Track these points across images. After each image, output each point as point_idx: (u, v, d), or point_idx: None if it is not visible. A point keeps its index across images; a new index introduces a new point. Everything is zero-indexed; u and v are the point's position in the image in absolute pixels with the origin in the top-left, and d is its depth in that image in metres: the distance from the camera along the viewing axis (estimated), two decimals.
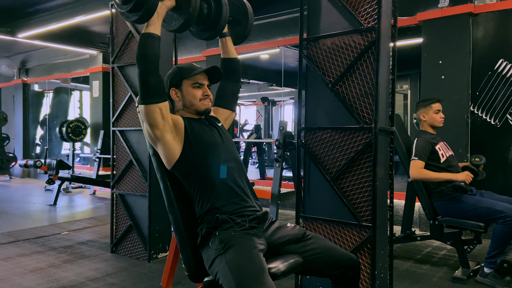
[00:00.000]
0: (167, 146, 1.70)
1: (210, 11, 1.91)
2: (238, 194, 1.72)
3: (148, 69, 1.63)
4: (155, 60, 1.64)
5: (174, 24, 1.83)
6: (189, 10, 1.76)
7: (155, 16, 1.66)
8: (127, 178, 3.52)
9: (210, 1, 1.91)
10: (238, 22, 2.10)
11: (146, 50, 1.63)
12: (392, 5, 2.39)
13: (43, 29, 6.56)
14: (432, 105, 3.14)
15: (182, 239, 1.74)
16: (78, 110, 10.57)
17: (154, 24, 1.67)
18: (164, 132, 1.68)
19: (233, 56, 2.07)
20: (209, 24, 1.96)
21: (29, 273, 3.07)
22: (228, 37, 2.05)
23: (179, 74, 1.82)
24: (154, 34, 1.66)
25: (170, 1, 1.74)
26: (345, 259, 1.68)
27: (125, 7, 1.65)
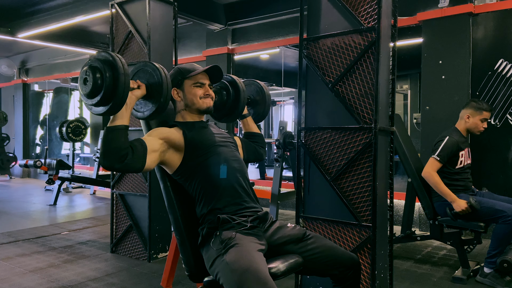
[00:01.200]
0: (168, 162, 1.72)
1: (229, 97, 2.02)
2: (239, 194, 1.73)
3: (114, 164, 1.50)
4: (121, 153, 1.50)
5: (145, 112, 1.71)
6: (160, 100, 1.64)
7: (123, 108, 1.53)
8: (127, 178, 3.52)
9: (229, 88, 2.02)
10: (256, 102, 2.23)
11: (109, 145, 1.49)
12: (392, 5, 2.39)
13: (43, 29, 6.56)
14: (483, 112, 3.03)
15: (182, 239, 1.74)
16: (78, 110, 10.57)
17: (121, 117, 1.54)
18: (162, 158, 1.69)
19: (255, 132, 2.17)
20: (229, 109, 2.05)
21: (29, 273, 3.07)
22: (249, 117, 2.16)
23: (180, 74, 1.83)
24: (119, 126, 1.52)
25: (141, 90, 1.63)
26: (345, 259, 1.68)
27: (91, 100, 1.51)
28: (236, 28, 6.19)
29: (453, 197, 2.88)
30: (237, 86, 2.03)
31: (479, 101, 3.11)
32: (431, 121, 4.36)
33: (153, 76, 1.66)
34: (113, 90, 1.48)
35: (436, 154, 2.96)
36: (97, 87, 1.48)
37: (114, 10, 3.58)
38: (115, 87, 1.48)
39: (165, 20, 3.49)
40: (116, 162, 1.50)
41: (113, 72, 1.48)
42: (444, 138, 3.00)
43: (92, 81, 1.48)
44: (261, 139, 2.17)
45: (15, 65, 9.55)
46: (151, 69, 1.67)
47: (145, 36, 3.34)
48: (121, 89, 1.47)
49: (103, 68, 1.48)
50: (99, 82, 1.48)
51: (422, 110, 4.49)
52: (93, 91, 1.49)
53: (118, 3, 3.52)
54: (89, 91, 1.49)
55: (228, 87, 2.04)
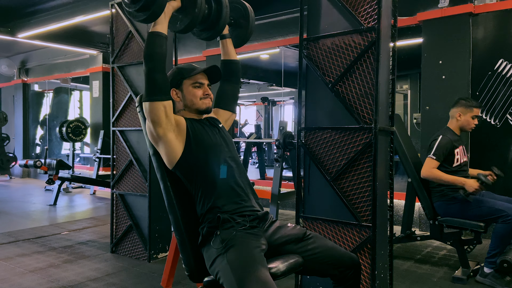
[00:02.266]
0: (169, 145, 1.71)
1: (210, 11, 1.91)
2: (238, 194, 1.73)
3: (156, 67, 1.65)
4: (163, 59, 1.67)
5: (179, 25, 1.83)
6: (194, 11, 1.76)
7: (162, 16, 1.67)
8: (127, 178, 3.52)
9: (211, 1, 1.91)
10: (239, 25, 2.11)
11: (154, 48, 1.65)
12: (392, 5, 2.39)
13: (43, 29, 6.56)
14: (473, 109, 3.08)
15: (182, 239, 1.74)
16: (78, 110, 10.57)
17: (161, 24, 1.68)
18: (167, 130, 1.69)
19: (233, 58, 2.08)
20: (209, 24, 1.96)
21: (29, 273, 3.07)
22: (228, 39, 2.06)
23: (179, 75, 1.83)
24: (161, 33, 1.67)
25: (176, 2, 1.75)
26: (345, 259, 1.68)
27: (134, 6, 1.65)
28: None
29: (462, 180, 2.88)
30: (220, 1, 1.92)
31: (468, 99, 3.17)
32: (431, 121, 4.36)
33: None
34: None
35: (432, 153, 2.99)
36: None
37: (114, 10, 3.58)
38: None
39: None
40: (159, 66, 1.66)
41: None
42: (437, 138, 3.03)
43: None
44: (236, 66, 2.08)
45: (15, 65, 9.55)
46: None
47: (145, 36, 3.33)
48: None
49: None
50: None
51: (422, 110, 4.49)
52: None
53: (118, 3, 3.52)
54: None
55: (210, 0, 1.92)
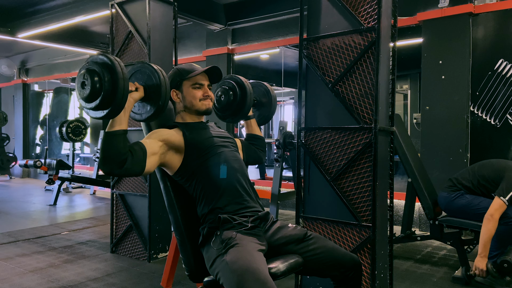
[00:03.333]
0: (168, 163, 1.72)
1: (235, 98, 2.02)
2: (240, 194, 1.73)
3: (114, 170, 1.49)
4: (120, 159, 1.49)
5: (143, 115, 1.68)
6: (158, 103, 1.62)
7: (121, 112, 1.50)
8: (127, 178, 3.52)
9: (235, 88, 2.02)
10: (262, 104, 2.24)
11: (109, 151, 1.48)
12: (392, 5, 2.39)
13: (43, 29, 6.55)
14: None
15: (182, 239, 1.74)
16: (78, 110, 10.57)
17: (119, 123, 1.51)
18: (162, 160, 1.68)
19: (258, 134, 2.18)
20: (234, 110, 2.06)
21: (29, 273, 3.07)
22: (253, 120, 2.17)
23: (179, 75, 1.82)
24: (118, 131, 1.50)
25: (139, 93, 1.61)
26: (346, 259, 1.68)
27: (89, 105, 1.47)
28: (236, 28, 6.18)
29: (486, 253, 2.70)
30: (244, 88, 2.04)
31: None
32: (431, 121, 4.36)
33: (151, 78, 1.63)
34: (112, 95, 1.43)
35: (508, 197, 2.70)
36: (96, 91, 1.43)
37: (114, 10, 3.58)
38: (114, 92, 1.43)
39: (165, 20, 3.49)
40: (116, 167, 1.48)
41: (112, 76, 1.43)
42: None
43: (90, 85, 1.43)
44: (262, 142, 2.17)
45: (15, 65, 9.55)
46: (149, 71, 1.64)
47: (145, 36, 3.34)
48: (120, 93, 1.43)
49: (101, 72, 1.43)
50: (97, 86, 1.43)
51: (422, 110, 4.49)
52: (92, 95, 1.44)
53: (118, 3, 3.52)
54: (87, 95, 1.44)
55: (235, 88, 2.04)
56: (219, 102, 2.09)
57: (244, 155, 2.04)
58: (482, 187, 2.94)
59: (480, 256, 2.72)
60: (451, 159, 4.22)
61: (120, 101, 1.45)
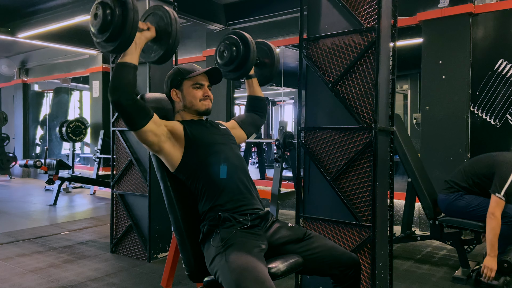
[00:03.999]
0: (167, 154, 1.72)
1: (238, 54, 1.99)
2: (241, 191, 1.73)
3: (122, 100, 1.54)
4: (129, 89, 1.56)
5: (153, 55, 1.76)
6: (169, 42, 1.69)
7: (132, 46, 1.60)
8: (127, 178, 3.52)
9: (239, 44, 1.99)
10: (264, 65, 2.20)
11: (119, 80, 1.55)
12: (392, 5, 2.39)
13: (43, 29, 6.55)
14: None
15: (182, 239, 1.74)
16: (78, 110, 10.57)
17: (131, 54, 1.60)
18: (162, 144, 1.69)
19: (259, 95, 2.16)
20: (236, 66, 2.03)
21: (29, 273, 3.07)
22: (254, 79, 2.14)
23: (180, 75, 1.83)
24: (129, 63, 1.59)
25: (150, 32, 1.68)
26: (345, 258, 1.68)
27: (101, 36, 1.57)
28: (236, 28, 6.18)
29: (495, 252, 2.69)
30: (247, 43, 2.00)
31: None
32: (431, 121, 4.36)
33: (162, 19, 1.69)
34: (122, 26, 1.50)
35: (502, 193, 2.70)
36: (107, 22, 1.53)
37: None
38: (124, 23, 1.50)
39: None
40: (124, 98, 1.54)
41: (122, 8, 1.51)
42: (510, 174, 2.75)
43: (102, 16, 1.52)
44: (263, 103, 2.15)
45: (15, 65, 9.55)
46: (161, 12, 1.71)
47: None
48: (129, 25, 1.50)
49: (113, 4, 1.52)
50: (108, 18, 1.51)
51: (422, 110, 4.49)
52: (103, 26, 1.53)
53: None
54: (99, 26, 1.53)
55: (239, 43, 1.99)
56: (221, 57, 2.06)
57: (245, 130, 2.05)
58: (477, 185, 2.94)
59: (489, 256, 2.70)
60: (451, 159, 4.22)
61: (130, 32, 1.52)
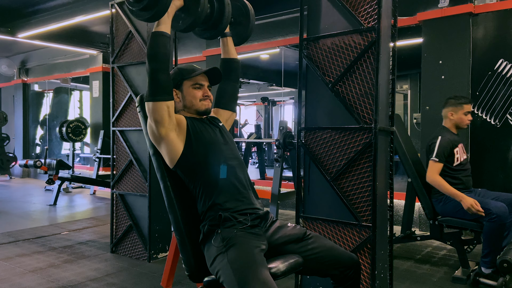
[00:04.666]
0: (170, 144, 1.71)
1: (212, 11, 1.92)
2: (240, 192, 1.73)
3: (160, 67, 1.64)
4: (167, 58, 1.66)
5: (181, 24, 1.84)
6: (197, 10, 1.77)
7: (165, 15, 1.67)
8: (127, 178, 3.52)
9: (213, 1, 1.92)
10: (239, 23, 2.12)
11: (158, 48, 1.64)
12: (392, 5, 2.39)
13: (43, 29, 6.56)
14: (464, 106, 3.07)
15: (182, 239, 1.74)
16: (78, 110, 10.57)
17: (165, 23, 1.68)
18: (169, 130, 1.70)
19: (233, 57, 2.08)
20: (211, 24, 1.97)
21: (29, 273, 3.07)
22: (229, 37, 2.07)
23: (180, 75, 1.83)
24: (165, 33, 1.67)
25: (179, 1, 1.75)
26: (345, 258, 1.68)
27: (138, 5, 1.65)
28: None
29: (460, 195, 2.85)
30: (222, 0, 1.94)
31: (456, 97, 3.15)
32: (431, 121, 4.36)
33: None
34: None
35: (434, 155, 2.97)
36: None
37: (114, 10, 3.58)
38: None
39: None
40: (162, 67, 1.64)
41: None
42: (436, 139, 3.02)
43: None
44: (236, 64, 2.09)
45: (15, 65, 9.55)
46: None
47: (145, 36, 3.33)
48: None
49: None
50: None
51: (422, 110, 4.49)
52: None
53: (118, 3, 3.52)
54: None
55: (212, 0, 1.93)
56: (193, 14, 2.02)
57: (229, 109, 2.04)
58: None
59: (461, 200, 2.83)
60: None
61: (166, 2, 1.62)
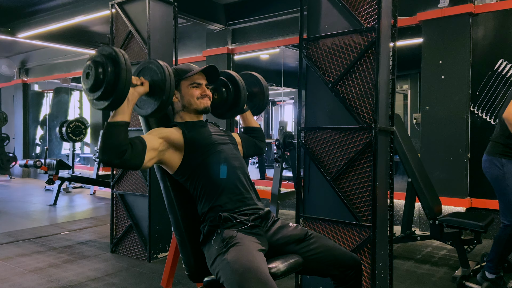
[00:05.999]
0: (167, 162, 1.72)
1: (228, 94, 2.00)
2: (240, 192, 1.73)
3: (113, 159, 1.51)
4: (120, 149, 1.51)
5: (146, 109, 1.73)
6: (162, 97, 1.65)
7: (125, 104, 1.54)
8: (127, 178, 3.52)
9: (228, 84, 2.00)
10: (254, 95, 2.20)
11: (110, 141, 1.50)
12: (392, 5, 2.39)
13: (43, 29, 6.55)
14: None
15: (182, 239, 1.74)
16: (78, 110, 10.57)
17: (122, 113, 1.55)
18: (161, 157, 1.69)
19: (255, 126, 2.16)
20: (229, 106, 2.04)
21: (29, 273, 3.07)
22: (248, 112, 2.15)
23: (177, 75, 1.83)
24: (120, 122, 1.53)
25: (144, 87, 1.64)
26: (346, 259, 1.68)
27: (93, 94, 1.54)
28: (236, 28, 6.18)
29: None
30: (236, 82, 2.01)
31: None
32: (431, 121, 4.36)
33: (157, 73, 1.67)
34: (114, 85, 1.49)
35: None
36: (99, 81, 1.50)
37: (114, 10, 3.58)
38: (116, 82, 1.49)
39: (165, 20, 3.49)
40: (115, 157, 1.50)
41: (115, 67, 1.49)
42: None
43: (94, 75, 1.49)
44: (261, 133, 2.16)
45: (15, 65, 9.55)
46: (155, 66, 1.69)
47: (145, 36, 3.34)
48: (122, 84, 1.49)
49: (105, 63, 1.50)
50: (100, 77, 1.49)
51: (422, 110, 4.49)
52: (95, 85, 1.50)
53: (118, 3, 3.52)
54: (91, 85, 1.51)
55: (227, 84, 2.01)
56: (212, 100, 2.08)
57: (244, 149, 2.04)
58: None
59: None
60: (451, 159, 4.22)
61: (122, 91, 1.50)
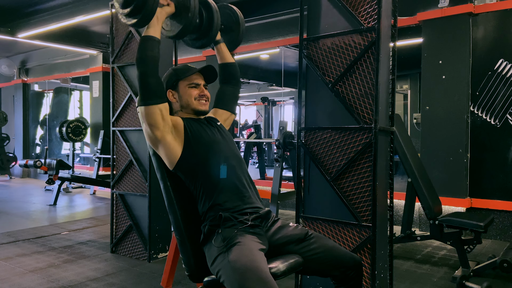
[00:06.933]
0: (168, 147, 1.71)
1: (202, 20, 1.96)
2: (240, 191, 1.73)
3: (148, 71, 1.65)
4: (155, 62, 1.67)
5: (172, 30, 1.86)
6: (188, 17, 1.79)
7: (154, 20, 1.69)
8: (127, 178, 3.52)
9: (201, 9, 1.95)
10: (230, 29, 2.16)
11: (146, 52, 1.66)
12: (392, 5, 2.39)
13: (43, 29, 6.56)
14: None
15: (182, 239, 1.74)
16: (78, 110, 10.57)
17: (153, 27, 1.70)
18: (165, 133, 1.70)
19: (229, 61, 2.10)
20: (202, 32, 2.00)
21: (29, 273, 3.07)
22: (222, 44, 2.10)
23: (175, 76, 1.84)
24: (153, 37, 1.69)
25: (170, 7, 1.77)
26: (347, 259, 1.68)
27: (124, 10, 1.68)
28: None
29: None
30: (210, 6, 1.96)
31: None
32: (431, 121, 4.36)
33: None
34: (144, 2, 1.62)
35: None
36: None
37: (114, 10, 3.58)
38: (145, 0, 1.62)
39: None
40: (151, 70, 1.66)
41: None
42: None
43: None
44: (235, 68, 2.10)
45: (15, 65, 9.55)
46: None
47: None
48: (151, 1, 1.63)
49: None
50: None
51: (422, 110, 4.49)
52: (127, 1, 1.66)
53: None
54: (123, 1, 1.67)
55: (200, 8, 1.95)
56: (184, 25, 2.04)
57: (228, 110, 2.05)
58: None
59: None
60: (451, 159, 4.22)
61: (151, 8, 1.64)
